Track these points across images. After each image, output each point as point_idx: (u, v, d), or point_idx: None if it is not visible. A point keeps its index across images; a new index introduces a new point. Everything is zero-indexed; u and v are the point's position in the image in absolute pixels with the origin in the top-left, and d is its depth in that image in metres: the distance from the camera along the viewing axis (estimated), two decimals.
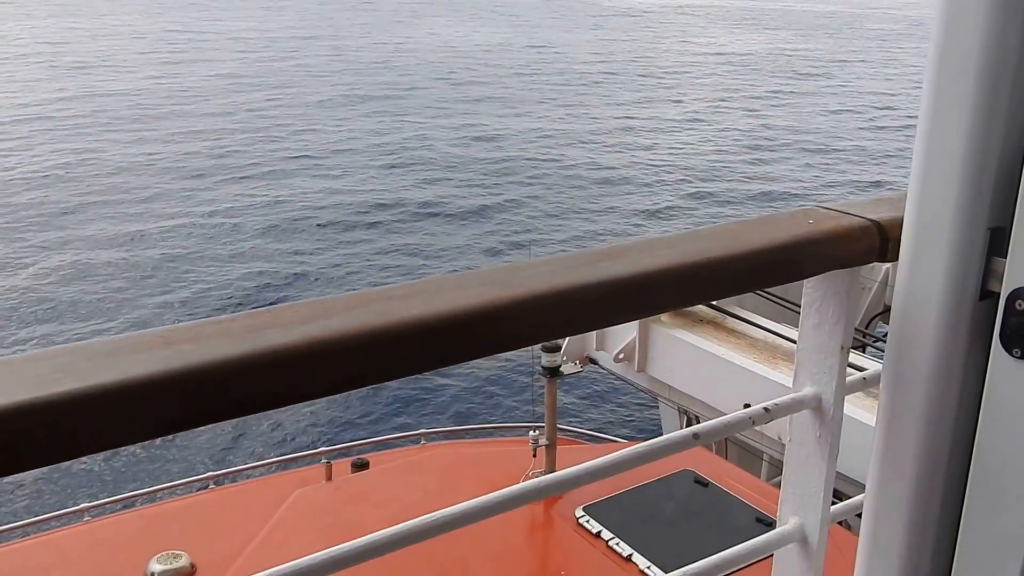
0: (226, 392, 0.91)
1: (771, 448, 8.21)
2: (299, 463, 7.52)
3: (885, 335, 10.20)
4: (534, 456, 6.03)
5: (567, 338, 9.18)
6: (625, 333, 9.00)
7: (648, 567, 5.22)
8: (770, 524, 5.68)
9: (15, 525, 6.67)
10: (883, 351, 1.49)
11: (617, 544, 5.44)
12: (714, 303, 8.99)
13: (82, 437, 0.85)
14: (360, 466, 6.80)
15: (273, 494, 6.21)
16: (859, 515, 1.66)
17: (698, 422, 7.25)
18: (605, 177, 30.53)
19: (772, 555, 1.72)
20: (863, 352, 8.96)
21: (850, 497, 1.76)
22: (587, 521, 5.66)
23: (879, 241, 1.42)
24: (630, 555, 5.34)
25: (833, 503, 1.66)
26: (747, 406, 1.63)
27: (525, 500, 1.35)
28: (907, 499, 1.41)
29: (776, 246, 1.33)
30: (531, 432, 6.14)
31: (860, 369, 1.91)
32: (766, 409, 1.54)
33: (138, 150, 32.02)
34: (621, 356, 9.02)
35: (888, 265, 10.56)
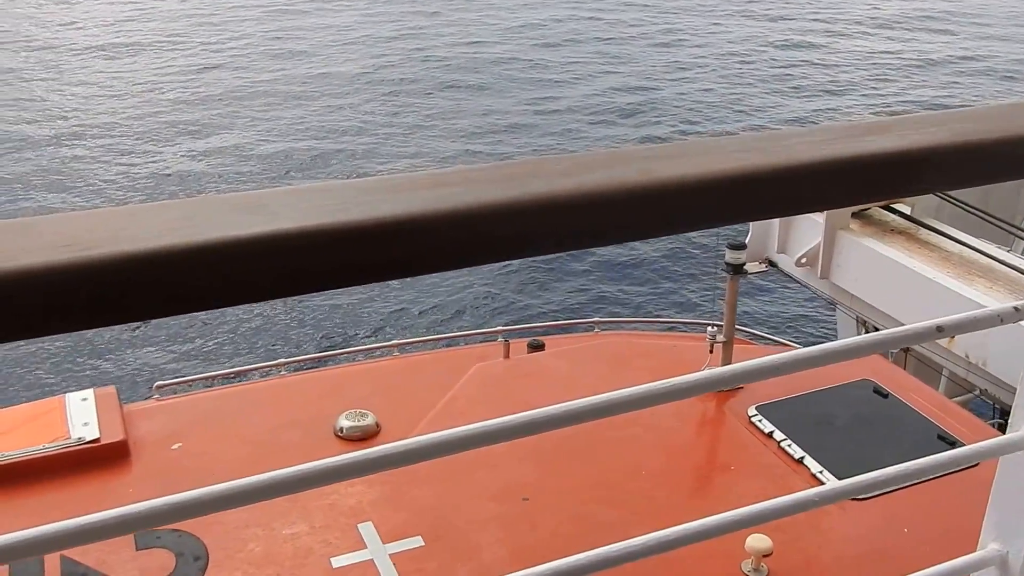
0: (494, 233, 0.94)
1: (954, 364, 7.92)
2: (479, 339, 7.77)
3: None
4: (711, 352, 5.96)
5: (748, 237, 9.03)
6: (809, 237, 8.75)
7: (820, 472, 5.14)
8: (952, 443, 5.49)
9: (218, 373, 7.18)
10: None
11: (789, 446, 5.37)
12: (909, 214, 8.64)
13: (364, 266, 0.89)
14: (536, 346, 6.92)
15: (454, 365, 6.41)
16: None
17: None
18: None
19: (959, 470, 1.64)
20: None
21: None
22: (759, 420, 5.61)
23: None
24: (801, 458, 5.27)
25: None
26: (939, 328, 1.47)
27: (717, 387, 1.36)
28: None
29: None
30: (709, 328, 6.06)
31: None
32: (1016, 309, 1.46)
33: None
34: (803, 261, 8.80)
35: None
